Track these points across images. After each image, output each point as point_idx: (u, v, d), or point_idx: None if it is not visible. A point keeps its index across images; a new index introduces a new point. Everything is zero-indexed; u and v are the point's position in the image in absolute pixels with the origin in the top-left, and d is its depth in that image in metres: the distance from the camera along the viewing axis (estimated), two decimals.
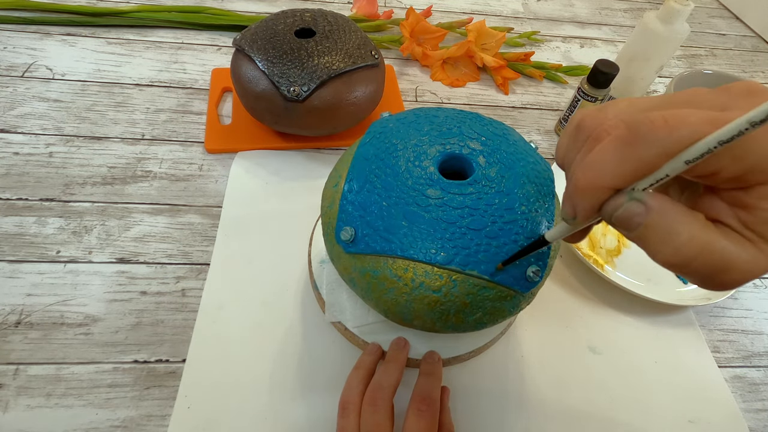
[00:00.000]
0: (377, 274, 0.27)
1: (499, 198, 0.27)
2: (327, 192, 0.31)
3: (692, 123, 0.14)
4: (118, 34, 0.61)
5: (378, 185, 0.28)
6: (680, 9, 0.49)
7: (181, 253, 0.42)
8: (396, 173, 0.28)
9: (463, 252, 0.26)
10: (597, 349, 0.40)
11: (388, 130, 0.31)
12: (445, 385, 0.33)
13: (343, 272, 0.30)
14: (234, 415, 0.34)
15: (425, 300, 0.26)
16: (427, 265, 0.26)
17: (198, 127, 0.52)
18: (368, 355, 0.34)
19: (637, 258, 0.46)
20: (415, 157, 0.28)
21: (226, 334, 0.37)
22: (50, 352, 0.35)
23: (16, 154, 0.46)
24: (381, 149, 0.29)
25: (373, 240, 0.27)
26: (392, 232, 0.27)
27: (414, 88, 0.62)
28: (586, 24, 0.79)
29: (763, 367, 0.42)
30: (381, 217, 0.27)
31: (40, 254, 0.40)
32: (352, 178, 0.29)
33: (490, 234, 0.26)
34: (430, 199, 0.27)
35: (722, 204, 0.16)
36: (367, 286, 0.28)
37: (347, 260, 0.29)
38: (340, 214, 0.29)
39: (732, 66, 0.76)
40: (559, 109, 0.62)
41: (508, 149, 0.30)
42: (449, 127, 0.30)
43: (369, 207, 0.27)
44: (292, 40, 0.44)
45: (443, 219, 0.26)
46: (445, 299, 0.26)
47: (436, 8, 0.75)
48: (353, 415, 0.28)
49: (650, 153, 0.15)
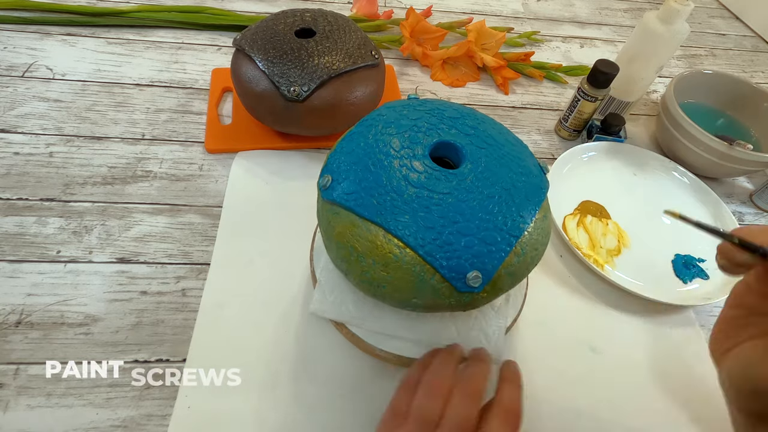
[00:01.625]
0: (340, 223, 0.29)
1: (482, 192, 0.28)
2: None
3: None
4: (118, 34, 0.61)
5: (365, 144, 0.29)
6: (680, 9, 0.49)
7: (181, 253, 0.42)
8: (385, 142, 0.29)
9: (429, 236, 0.26)
10: (597, 349, 0.40)
11: (390, 114, 0.32)
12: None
13: (321, 221, 0.31)
14: (234, 415, 0.34)
15: (388, 268, 0.27)
16: (393, 237, 0.27)
17: (198, 127, 0.52)
18: (449, 353, 0.31)
19: (637, 258, 0.46)
20: (409, 139, 0.29)
21: (226, 334, 0.37)
22: (50, 352, 0.35)
23: (16, 154, 0.46)
24: (377, 130, 0.30)
25: (349, 195, 0.28)
26: (372, 194, 0.28)
27: (414, 88, 0.62)
28: (586, 24, 0.79)
29: None
30: (356, 173, 0.28)
31: (40, 254, 0.40)
32: (350, 135, 0.31)
33: (462, 230, 0.26)
34: (413, 181, 0.28)
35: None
36: (332, 235, 0.29)
37: (322, 205, 0.30)
38: (326, 161, 0.31)
39: (732, 66, 0.76)
40: (559, 109, 0.62)
41: (497, 144, 0.30)
42: (450, 116, 0.31)
43: (349, 161, 0.29)
44: (292, 40, 0.44)
45: (423, 203, 0.27)
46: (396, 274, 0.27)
47: (436, 8, 0.75)
48: (438, 401, 0.27)
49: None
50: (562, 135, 0.58)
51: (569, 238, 0.46)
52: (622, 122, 0.54)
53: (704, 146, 0.50)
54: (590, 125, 0.57)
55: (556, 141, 0.58)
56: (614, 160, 0.55)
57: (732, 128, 0.58)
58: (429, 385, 0.28)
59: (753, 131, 0.58)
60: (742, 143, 0.50)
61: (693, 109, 0.56)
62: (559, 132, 0.58)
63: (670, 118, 0.53)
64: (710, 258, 0.47)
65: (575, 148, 0.53)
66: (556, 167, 0.51)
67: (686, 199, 0.52)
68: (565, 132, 0.58)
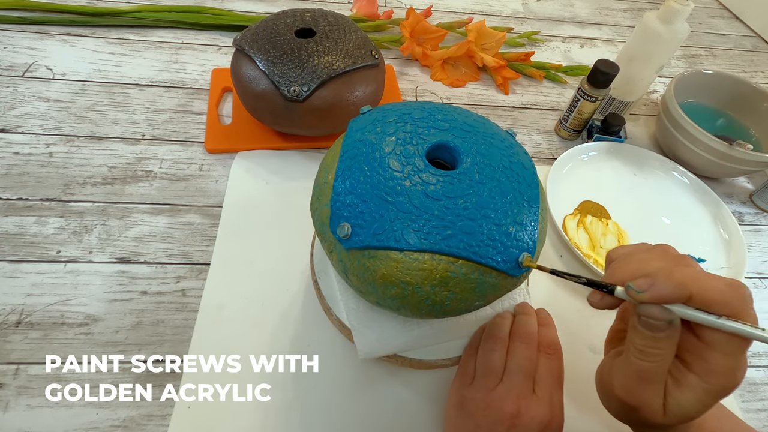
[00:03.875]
0: (376, 265, 0.27)
1: (480, 189, 0.27)
2: (317, 185, 0.31)
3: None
4: (118, 34, 0.61)
5: (366, 177, 0.28)
6: (680, 9, 0.49)
7: (181, 253, 0.42)
8: (384, 166, 0.28)
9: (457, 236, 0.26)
10: (597, 349, 0.40)
11: (372, 123, 0.31)
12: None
13: (338, 265, 0.30)
14: (234, 415, 0.34)
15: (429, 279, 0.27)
16: (420, 253, 0.26)
17: (198, 127, 0.52)
18: (500, 315, 0.35)
19: None
20: (403, 155, 0.28)
21: (226, 334, 0.37)
22: (50, 352, 0.35)
23: (16, 154, 0.46)
24: (368, 159, 0.29)
25: (380, 235, 0.27)
26: (404, 224, 0.26)
27: (414, 88, 0.62)
28: (586, 24, 0.79)
29: (762, 367, 0.42)
30: (373, 210, 0.27)
31: (40, 254, 0.40)
32: (342, 172, 0.29)
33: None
34: (418, 186, 0.27)
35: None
36: (368, 279, 0.28)
37: (347, 255, 0.28)
38: (333, 209, 0.28)
39: (732, 66, 0.76)
40: (559, 109, 0.62)
41: (488, 141, 0.30)
42: (437, 118, 0.31)
43: (360, 201, 0.27)
44: (292, 40, 0.44)
45: (429, 208, 0.26)
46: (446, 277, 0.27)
47: (436, 8, 0.75)
48: (502, 351, 0.31)
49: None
50: (562, 135, 0.58)
51: (569, 238, 0.46)
52: (622, 122, 0.54)
53: (704, 146, 0.50)
54: (590, 125, 0.57)
55: (556, 141, 0.58)
56: (614, 160, 0.55)
57: (732, 128, 0.58)
58: (489, 341, 0.32)
59: (753, 131, 0.58)
60: (742, 143, 0.50)
61: (693, 109, 0.56)
62: (559, 132, 0.58)
63: (670, 118, 0.53)
64: (710, 258, 0.47)
65: (575, 148, 0.53)
66: (556, 167, 0.51)
67: (686, 199, 0.52)
68: (565, 132, 0.58)
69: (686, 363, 0.22)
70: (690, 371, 0.22)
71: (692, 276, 0.21)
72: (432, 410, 0.36)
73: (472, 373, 0.31)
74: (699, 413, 0.22)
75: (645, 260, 0.23)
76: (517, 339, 0.32)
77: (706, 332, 0.21)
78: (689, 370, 0.22)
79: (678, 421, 0.22)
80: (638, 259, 0.23)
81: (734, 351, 0.21)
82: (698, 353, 0.21)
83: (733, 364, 0.21)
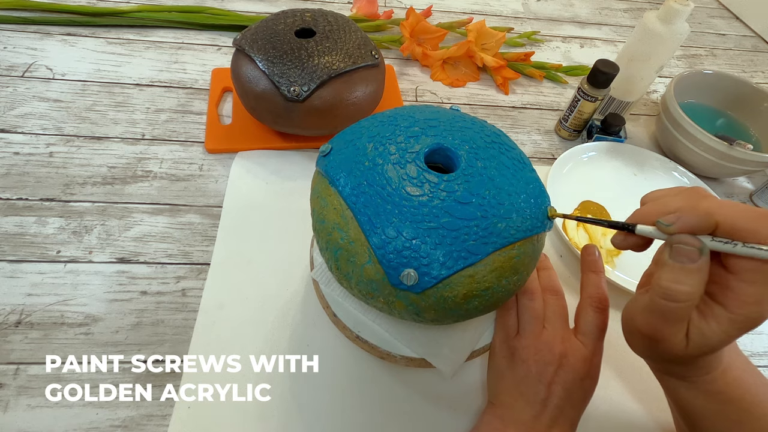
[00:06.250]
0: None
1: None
2: (336, 246, 0.28)
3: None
4: (118, 34, 0.61)
5: (398, 217, 0.26)
6: (680, 9, 0.49)
7: (181, 253, 0.42)
8: (406, 197, 0.26)
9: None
10: None
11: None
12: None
13: (405, 312, 0.28)
14: (234, 415, 0.34)
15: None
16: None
17: (198, 127, 0.52)
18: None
19: (637, 258, 0.45)
20: (401, 167, 0.27)
21: (226, 334, 0.37)
22: (50, 352, 0.35)
23: (16, 154, 0.46)
24: (372, 183, 0.27)
25: (436, 269, 0.26)
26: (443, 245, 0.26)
27: (414, 88, 0.62)
28: (586, 24, 0.79)
29: (763, 367, 0.42)
30: (428, 244, 0.26)
31: (40, 254, 0.40)
32: (368, 226, 0.27)
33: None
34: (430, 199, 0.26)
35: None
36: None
37: (415, 298, 0.27)
38: (384, 264, 0.26)
39: (732, 66, 0.76)
40: (559, 109, 0.62)
41: (484, 142, 0.30)
42: (429, 124, 0.30)
43: (409, 243, 0.26)
44: (292, 40, 0.44)
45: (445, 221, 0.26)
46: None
47: (436, 8, 0.75)
48: (540, 300, 0.34)
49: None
50: (562, 135, 0.58)
51: (569, 238, 0.46)
52: (622, 122, 0.54)
53: (704, 146, 0.50)
54: (590, 125, 0.57)
55: (556, 141, 0.58)
56: (614, 160, 0.55)
57: (732, 128, 0.58)
58: (527, 293, 0.34)
59: (753, 131, 0.58)
60: (742, 143, 0.50)
61: (693, 109, 0.56)
62: (559, 132, 0.58)
63: (670, 118, 0.53)
64: None
65: (575, 148, 0.53)
66: (556, 167, 0.51)
67: None
68: (565, 132, 0.58)
69: (712, 294, 0.22)
70: (715, 302, 0.22)
71: (718, 204, 0.21)
72: (432, 410, 0.36)
73: (515, 326, 0.33)
74: (722, 344, 0.22)
75: (673, 200, 0.24)
76: (547, 291, 0.35)
77: (733, 261, 0.21)
78: (715, 301, 0.22)
79: (699, 352, 0.23)
80: (666, 201, 0.24)
81: (763, 279, 0.21)
82: (725, 283, 0.22)
83: (761, 293, 0.21)
